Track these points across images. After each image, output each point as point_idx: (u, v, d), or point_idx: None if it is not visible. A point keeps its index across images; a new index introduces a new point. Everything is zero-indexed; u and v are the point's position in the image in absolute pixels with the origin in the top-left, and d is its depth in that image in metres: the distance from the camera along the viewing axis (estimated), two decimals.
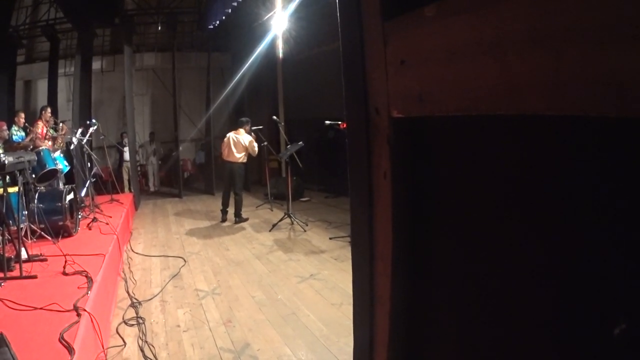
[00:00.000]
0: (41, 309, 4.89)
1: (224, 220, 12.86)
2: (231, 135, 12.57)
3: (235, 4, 13.51)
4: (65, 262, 6.25)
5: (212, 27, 16.31)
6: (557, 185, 1.19)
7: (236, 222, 12.62)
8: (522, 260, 1.33)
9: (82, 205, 10.97)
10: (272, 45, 16.29)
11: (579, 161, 1.13)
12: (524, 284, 1.32)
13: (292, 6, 13.19)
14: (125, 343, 5.48)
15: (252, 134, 12.71)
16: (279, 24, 14.03)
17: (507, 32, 1.12)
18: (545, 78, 1.02)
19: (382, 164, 1.77)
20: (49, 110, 11.74)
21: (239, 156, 12.44)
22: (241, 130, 12.58)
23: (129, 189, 16.50)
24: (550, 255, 1.23)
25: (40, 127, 11.10)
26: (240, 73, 17.48)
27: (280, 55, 16.61)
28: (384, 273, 1.85)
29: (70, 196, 8.80)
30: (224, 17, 14.83)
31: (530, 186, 1.28)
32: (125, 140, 17.72)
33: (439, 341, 1.76)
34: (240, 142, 12.40)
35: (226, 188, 12.89)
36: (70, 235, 8.57)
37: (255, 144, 12.54)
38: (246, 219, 12.76)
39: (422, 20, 1.46)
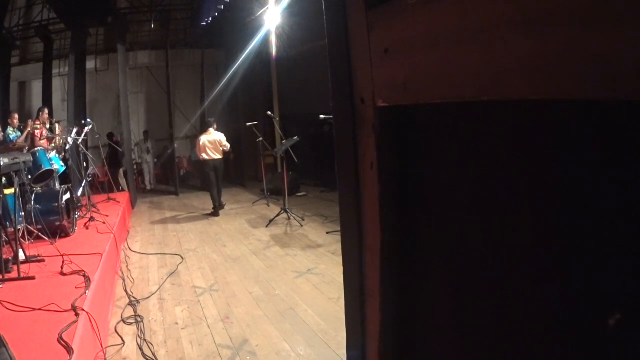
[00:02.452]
0: (39, 309, 4.91)
1: (218, 213, 13.27)
2: (204, 138, 13.25)
3: (227, 0, 13.49)
4: (63, 262, 6.26)
5: (205, 23, 16.28)
6: (546, 172, 1.18)
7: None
8: (512, 249, 1.33)
9: (79, 205, 10.97)
10: (266, 41, 16.28)
11: (568, 146, 1.12)
12: (515, 274, 1.33)
13: (285, 2, 13.19)
14: (124, 342, 5.50)
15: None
16: (272, 19, 14.04)
17: (490, 16, 1.11)
18: (529, 62, 1.01)
19: (368, 155, 1.78)
20: (46, 111, 11.72)
21: (220, 151, 13.27)
22: (211, 130, 13.35)
23: (128, 188, 16.46)
24: (541, 243, 1.23)
25: (40, 129, 11.11)
26: (234, 69, 17.46)
27: (274, 51, 16.60)
28: (373, 264, 1.86)
29: (67, 196, 8.80)
30: (216, 14, 14.80)
31: (519, 173, 1.28)
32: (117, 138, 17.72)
33: (430, 332, 1.77)
34: (215, 141, 13.19)
35: (213, 185, 13.44)
36: (67, 235, 8.57)
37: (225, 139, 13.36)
38: (224, 205, 13.91)
39: (405, 8, 1.45)
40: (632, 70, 0.80)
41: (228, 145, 13.30)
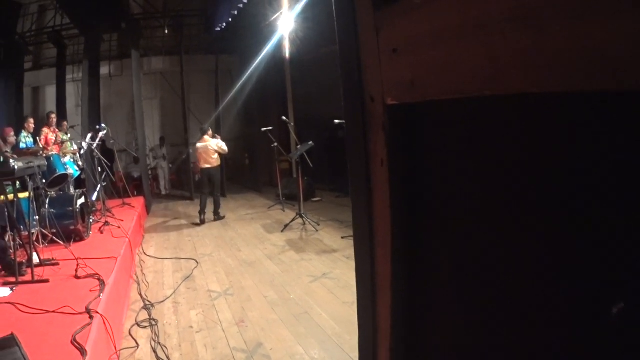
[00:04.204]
0: (53, 312, 4.90)
1: (202, 222, 13.19)
2: (200, 145, 13.34)
3: (241, 5, 13.53)
4: (78, 265, 6.27)
5: (219, 29, 16.34)
6: (553, 165, 1.17)
7: (215, 220, 13.50)
8: (522, 245, 1.31)
9: (94, 209, 11.00)
10: (280, 46, 16.30)
11: (571, 138, 1.11)
12: (525, 269, 1.31)
13: (299, 7, 13.19)
14: (138, 345, 5.49)
15: (217, 135, 13.83)
16: (286, 24, 14.05)
17: (490, 12, 1.12)
18: (529, 56, 1.02)
19: (378, 152, 1.78)
20: (53, 115, 11.78)
21: (213, 160, 13.31)
22: (206, 137, 13.41)
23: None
24: (549, 237, 1.21)
25: (45, 134, 11.15)
26: (248, 74, 17.48)
27: (288, 56, 16.60)
28: (384, 259, 1.85)
29: (81, 200, 8.81)
30: (230, 19, 14.86)
31: (526, 168, 1.27)
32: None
33: (439, 328, 1.76)
34: (209, 147, 13.20)
35: (204, 193, 13.45)
36: (82, 239, 8.61)
37: (223, 143, 13.50)
38: (223, 217, 13.62)
39: (410, 8, 1.47)
40: (627, 60, 0.81)
41: (225, 148, 13.50)
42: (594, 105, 1.01)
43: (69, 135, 12.39)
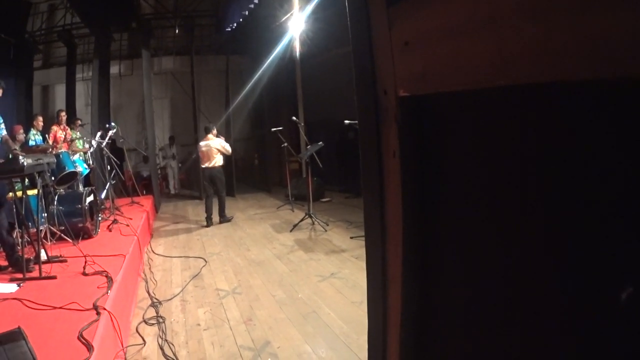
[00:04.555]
0: (60, 308, 4.89)
1: (209, 225, 12.92)
2: (202, 144, 13.13)
3: (252, 6, 13.54)
4: (85, 262, 6.27)
5: (229, 29, 16.35)
6: (563, 153, 1.17)
7: (221, 222, 13.15)
8: (536, 234, 1.30)
9: (102, 207, 11.02)
10: (290, 47, 16.30)
11: (581, 128, 1.11)
12: (539, 259, 1.30)
13: (310, 8, 13.19)
14: (144, 342, 5.47)
15: (221, 136, 13.43)
16: (297, 25, 14.03)
17: (500, 6, 1.14)
18: (537, 47, 1.03)
19: (391, 143, 1.79)
20: (62, 113, 11.82)
21: (215, 160, 13.03)
22: (210, 136, 13.12)
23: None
24: (562, 225, 1.20)
25: (54, 132, 11.18)
26: (259, 75, 17.50)
27: (298, 56, 16.61)
28: (395, 251, 1.85)
29: (90, 198, 8.82)
30: (241, 20, 14.87)
31: (534, 158, 1.27)
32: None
33: (451, 321, 1.76)
34: (212, 147, 12.94)
35: (209, 194, 13.23)
36: (90, 236, 8.62)
37: (227, 143, 13.22)
38: (230, 218, 13.32)
39: (422, 3, 1.49)
40: (629, 48, 0.82)
41: (228, 149, 13.28)
42: (601, 95, 1.01)
43: (78, 134, 12.39)
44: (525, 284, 1.34)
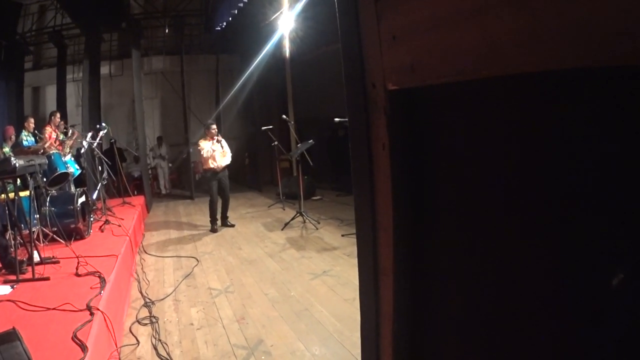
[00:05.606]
0: (54, 309, 4.91)
1: (215, 230, 11.95)
2: (208, 144, 11.71)
3: (241, 4, 13.53)
4: (78, 263, 6.27)
5: (219, 28, 16.35)
6: (551, 144, 1.21)
7: (222, 225, 12.36)
8: (524, 226, 1.33)
9: (94, 208, 11.01)
10: (280, 46, 16.31)
11: (568, 115, 1.15)
12: (528, 250, 1.33)
13: (299, 6, 13.20)
14: (138, 342, 5.49)
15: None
16: (286, 24, 14.05)
17: None
18: (523, 36, 1.06)
19: (380, 136, 1.83)
20: (58, 115, 11.79)
21: (227, 161, 12.05)
22: (213, 134, 11.86)
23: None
24: (550, 217, 1.24)
25: (48, 132, 11.16)
26: (249, 74, 17.48)
27: (288, 55, 16.61)
28: (387, 243, 1.89)
29: (82, 199, 8.82)
30: (230, 18, 14.86)
31: (524, 147, 1.30)
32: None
33: (443, 313, 1.78)
34: (223, 147, 11.86)
35: (215, 199, 12.08)
36: (82, 237, 8.61)
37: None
38: (233, 225, 12.38)
39: None
40: (611, 35, 0.86)
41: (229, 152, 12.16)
42: (590, 85, 1.04)
43: (67, 135, 12.35)
44: (517, 274, 1.37)
